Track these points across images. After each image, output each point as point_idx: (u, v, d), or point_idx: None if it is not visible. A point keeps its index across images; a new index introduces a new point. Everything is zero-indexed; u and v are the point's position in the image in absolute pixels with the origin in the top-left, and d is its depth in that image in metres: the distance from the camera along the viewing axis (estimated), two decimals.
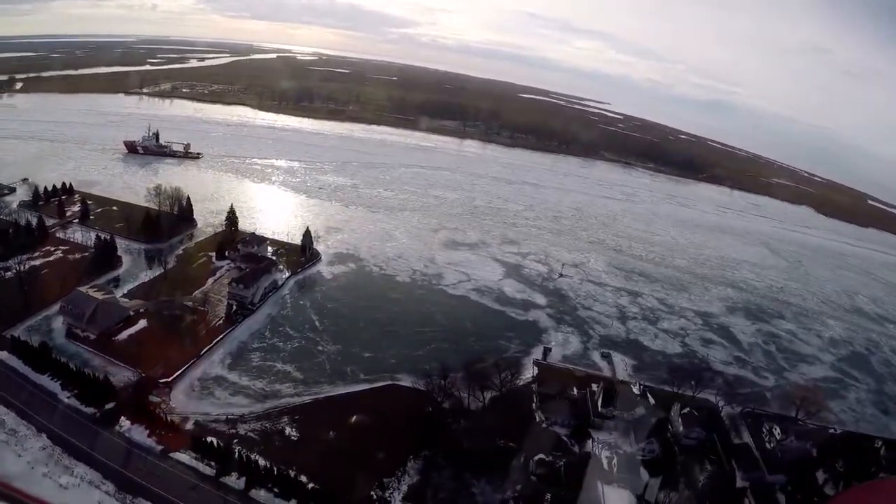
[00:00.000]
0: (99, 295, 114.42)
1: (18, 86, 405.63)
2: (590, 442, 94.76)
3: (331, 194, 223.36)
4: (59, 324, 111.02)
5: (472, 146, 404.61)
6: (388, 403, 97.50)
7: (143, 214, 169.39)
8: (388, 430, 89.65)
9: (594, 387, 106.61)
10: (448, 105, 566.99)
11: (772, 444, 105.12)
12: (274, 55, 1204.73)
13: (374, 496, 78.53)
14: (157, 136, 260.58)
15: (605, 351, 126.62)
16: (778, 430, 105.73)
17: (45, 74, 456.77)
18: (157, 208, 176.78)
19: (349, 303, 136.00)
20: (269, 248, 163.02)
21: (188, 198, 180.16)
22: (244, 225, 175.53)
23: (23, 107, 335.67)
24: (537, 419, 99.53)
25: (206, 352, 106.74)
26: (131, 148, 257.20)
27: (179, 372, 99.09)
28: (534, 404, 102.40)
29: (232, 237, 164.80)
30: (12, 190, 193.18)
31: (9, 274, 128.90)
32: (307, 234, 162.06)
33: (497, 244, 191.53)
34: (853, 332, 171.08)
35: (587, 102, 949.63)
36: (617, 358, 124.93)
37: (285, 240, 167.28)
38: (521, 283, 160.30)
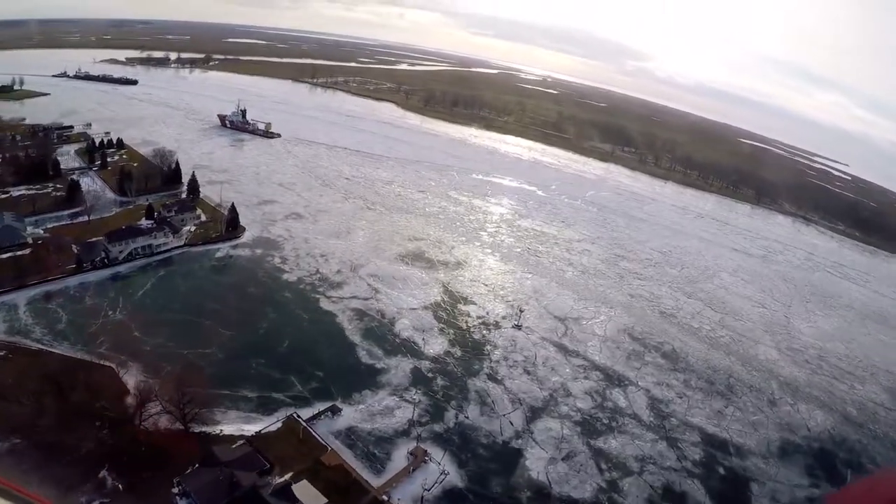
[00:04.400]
0: (10, 220, 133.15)
1: (213, 64, 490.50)
2: None
3: (345, 184, 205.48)
4: None
5: (609, 170, 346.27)
6: (68, 378, 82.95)
7: (138, 170, 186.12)
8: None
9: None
10: (617, 130, 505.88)
11: None
12: (496, 71, 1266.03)
13: None
14: (243, 113, 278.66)
15: (420, 447, 79.88)
16: None
17: (242, 58, 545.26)
18: (158, 166, 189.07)
19: (195, 285, 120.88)
20: (202, 217, 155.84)
21: (177, 161, 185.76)
22: (226, 194, 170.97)
23: (192, 79, 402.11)
24: (175, 482, 67.15)
25: (32, 284, 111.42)
26: (222, 121, 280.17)
27: None
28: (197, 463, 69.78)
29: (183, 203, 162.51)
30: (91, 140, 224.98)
31: (2, 196, 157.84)
32: (232, 210, 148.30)
33: (476, 269, 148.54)
34: None
35: (817, 159, 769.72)
36: (434, 465, 77.66)
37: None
38: (438, 321, 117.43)
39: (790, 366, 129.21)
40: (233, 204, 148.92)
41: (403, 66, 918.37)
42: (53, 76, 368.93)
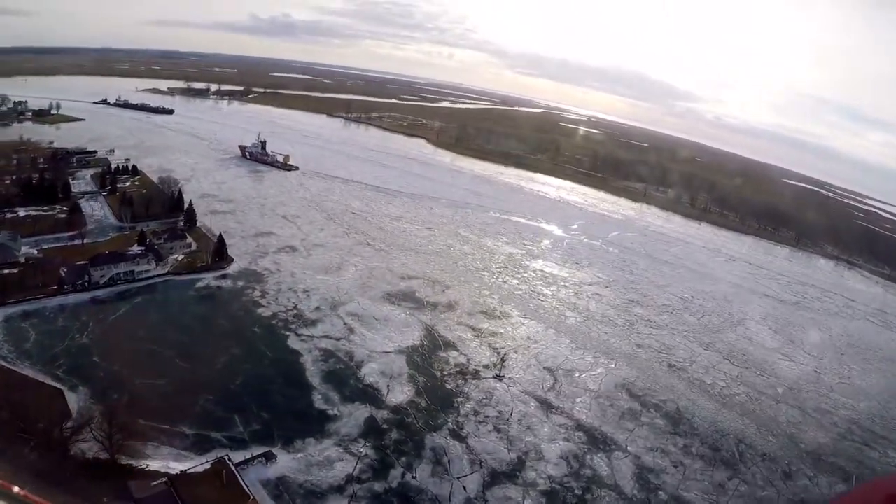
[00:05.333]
0: (4, 239, 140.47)
1: (251, 97, 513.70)
2: None
3: (350, 219, 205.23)
4: None
5: (639, 210, 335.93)
6: (13, 397, 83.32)
7: (142, 196, 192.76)
8: None
9: None
10: (655, 170, 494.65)
11: None
12: (539, 110, 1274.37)
13: None
14: (263, 144, 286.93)
15: None
16: None
17: (281, 91, 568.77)
18: (164, 192, 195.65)
19: (168, 314, 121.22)
20: (193, 246, 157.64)
21: (180, 189, 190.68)
22: (226, 225, 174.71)
23: (227, 111, 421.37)
24: None
25: (13, 302, 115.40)
26: (243, 152, 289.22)
27: None
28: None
29: (174, 231, 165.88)
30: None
31: (9, 216, 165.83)
32: (219, 240, 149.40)
33: (468, 312, 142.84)
34: None
35: (868, 200, 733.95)
36: None
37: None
38: (410, 366, 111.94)
39: (814, 429, 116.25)
40: (220, 234, 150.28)
41: (446, 104, 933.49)
42: (94, 103, 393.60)
